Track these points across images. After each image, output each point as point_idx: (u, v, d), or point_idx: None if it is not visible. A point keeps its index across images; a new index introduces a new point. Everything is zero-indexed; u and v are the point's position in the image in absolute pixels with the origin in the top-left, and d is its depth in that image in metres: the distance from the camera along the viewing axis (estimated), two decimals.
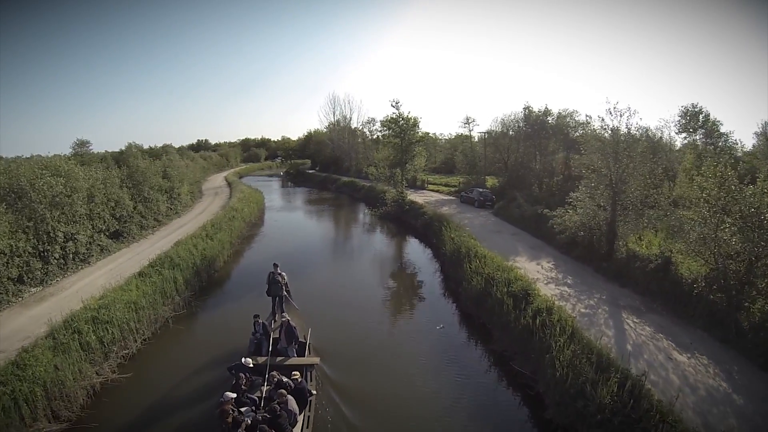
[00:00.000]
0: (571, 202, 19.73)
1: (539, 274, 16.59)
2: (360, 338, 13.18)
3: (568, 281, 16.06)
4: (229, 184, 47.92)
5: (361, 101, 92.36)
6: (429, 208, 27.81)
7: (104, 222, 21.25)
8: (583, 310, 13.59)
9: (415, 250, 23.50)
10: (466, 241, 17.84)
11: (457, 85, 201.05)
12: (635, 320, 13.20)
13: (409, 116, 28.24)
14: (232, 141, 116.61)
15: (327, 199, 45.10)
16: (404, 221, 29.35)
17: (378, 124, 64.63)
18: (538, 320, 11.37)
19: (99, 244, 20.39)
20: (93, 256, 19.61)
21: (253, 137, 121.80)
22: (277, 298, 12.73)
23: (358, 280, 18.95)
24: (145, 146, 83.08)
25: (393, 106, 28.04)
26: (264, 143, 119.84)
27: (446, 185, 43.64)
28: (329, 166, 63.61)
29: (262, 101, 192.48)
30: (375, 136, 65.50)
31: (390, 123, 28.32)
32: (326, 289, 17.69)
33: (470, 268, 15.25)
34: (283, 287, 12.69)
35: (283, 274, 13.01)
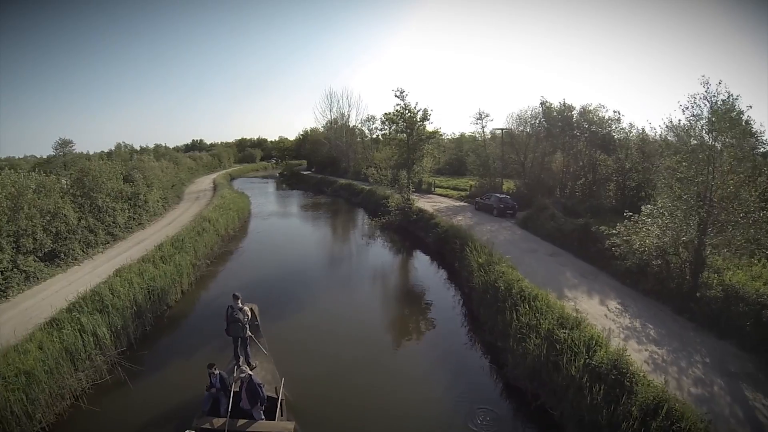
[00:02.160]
0: (631, 217, 15.29)
1: (608, 320, 12.03)
2: (354, 399, 9.52)
3: (651, 333, 11.49)
4: (215, 188, 43.30)
5: (359, 96, 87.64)
6: (441, 218, 23.19)
7: (34, 240, 16.68)
8: (693, 390, 9.06)
9: (427, 273, 18.91)
10: (503, 273, 13.20)
11: (457, 85, 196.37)
12: (765, 402, 8.86)
13: (416, 109, 23.60)
14: (229, 141, 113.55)
15: (322, 204, 40.52)
16: (411, 233, 24.77)
17: (378, 122, 60.41)
18: (652, 429, 6.86)
19: (24, 270, 15.78)
20: (12, 286, 15.02)
21: (249, 137, 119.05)
22: (240, 340, 9.81)
23: (353, 315, 14.46)
24: (137, 146, 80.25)
25: (397, 96, 23.39)
26: (260, 143, 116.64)
27: (455, 188, 39.16)
28: (326, 167, 59.17)
29: (261, 102, 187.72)
30: (375, 135, 61.11)
31: (395, 116, 23.64)
32: (310, 326, 13.49)
33: (518, 318, 10.64)
34: (246, 326, 9.66)
35: (247, 308, 9.94)
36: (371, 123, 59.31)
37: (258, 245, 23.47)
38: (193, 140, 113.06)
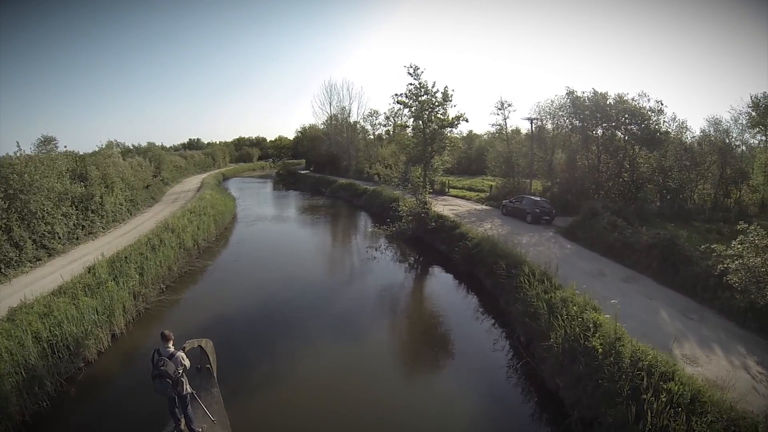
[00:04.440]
0: (746, 231, 10.85)
1: (762, 397, 7.38)
2: None
3: None
4: (201, 188, 38.78)
5: (361, 88, 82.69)
6: (467, 227, 18.51)
7: None
8: None
9: (454, 303, 14.21)
10: (598, 323, 8.53)
11: (459, 83, 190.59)
12: None
13: (434, 89, 18.82)
14: (228, 141, 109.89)
15: (319, 206, 35.84)
16: (428, 245, 20.10)
17: (381, 117, 55.88)
18: None
19: None
20: None
21: (247, 136, 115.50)
22: (176, 401, 6.72)
23: (350, 364, 10.04)
24: (129, 145, 76.04)
25: (410, 74, 18.64)
26: (259, 142, 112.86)
27: (470, 189, 34.56)
28: (325, 166, 54.61)
29: (259, 101, 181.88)
30: (378, 132, 56.61)
31: (409, 97, 18.86)
32: (287, 377, 9.43)
33: (650, 416, 6.01)
34: (181, 380, 6.57)
35: (183, 353, 6.72)
36: (374, 118, 54.91)
37: (235, 261, 18.74)
38: (190, 139, 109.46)
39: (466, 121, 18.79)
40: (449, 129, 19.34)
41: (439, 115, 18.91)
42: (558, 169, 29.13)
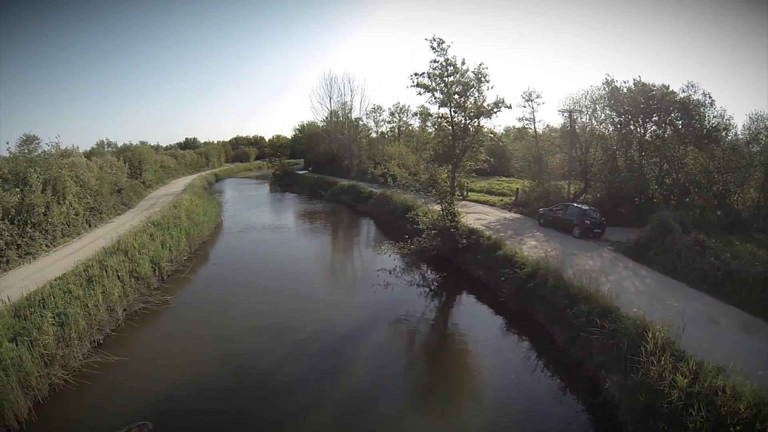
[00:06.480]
0: None
1: None
2: None
3: None
4: (185, 190, 34.81)
5: (364, 81, 77.70)
6: (511, 247, 14.42)
7: None
8: None
9: (506, 360, 10.23)
10: None
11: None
12: None
13: (464, 67, 14.63)
14: (226, 141, 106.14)
15: (318, 212, 31.80)
16: (459, 269, 16.02)
17: (386, 113, 51.93)
18: None
19: None
20: None
21: (245, 135, 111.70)
22: None
23: None
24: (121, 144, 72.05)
25: (434, 49, 14.41)
26: (257, 142, 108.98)
27: (489, 192, 30.64)
28: (324, 166, 50.55)
29: (260, 99, 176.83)
30: (382, 129, 52.65)
31: (432, 78, 14.60)
32: None
33: None
34: None
35: None
36: (378, 114, 50.94)
37: (206, 293, 14.38)
38: (186, 138, 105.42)
39: (508, 107, 14.76)
40: (489, 115, 14.97)
41: (472, 101, 14.82)
42: (594, 170, 25.32)
